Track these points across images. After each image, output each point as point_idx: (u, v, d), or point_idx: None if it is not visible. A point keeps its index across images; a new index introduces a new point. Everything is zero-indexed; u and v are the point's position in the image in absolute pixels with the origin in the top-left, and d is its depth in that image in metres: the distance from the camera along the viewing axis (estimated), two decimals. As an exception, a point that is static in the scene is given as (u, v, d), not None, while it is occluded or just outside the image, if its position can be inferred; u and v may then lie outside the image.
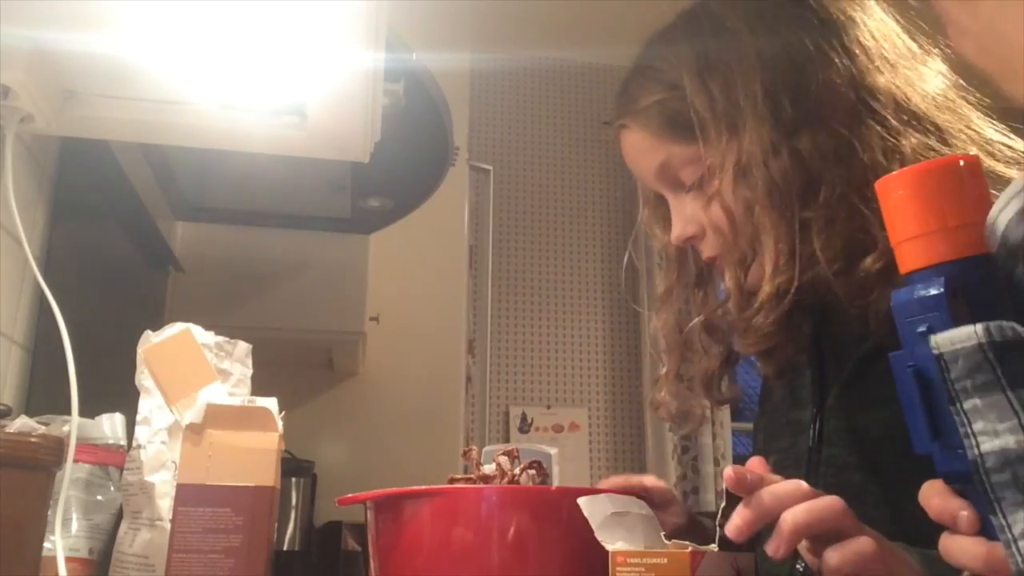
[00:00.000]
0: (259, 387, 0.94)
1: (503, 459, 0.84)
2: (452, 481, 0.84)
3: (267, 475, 0.80)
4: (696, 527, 0.93)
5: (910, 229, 0.49)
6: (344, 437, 2.55)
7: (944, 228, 0.48)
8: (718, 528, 0.67)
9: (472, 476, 0.85)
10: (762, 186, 0.83)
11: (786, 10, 0.89)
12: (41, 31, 0.96)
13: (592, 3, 3.30)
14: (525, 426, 3.48)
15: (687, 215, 0.92)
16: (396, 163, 1.63)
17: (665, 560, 0.63)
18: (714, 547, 0.65)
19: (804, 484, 0.63)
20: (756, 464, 0.67)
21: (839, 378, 0.86)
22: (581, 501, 0.72)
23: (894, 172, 0.51)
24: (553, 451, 0.98)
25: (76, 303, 1.25)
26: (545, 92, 3.85)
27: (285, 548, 2.12)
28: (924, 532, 0.54)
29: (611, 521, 0.70)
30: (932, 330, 0.47)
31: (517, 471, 0.83)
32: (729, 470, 0.64)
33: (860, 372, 0.83)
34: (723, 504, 0.71)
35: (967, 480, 0.47)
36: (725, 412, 3.51)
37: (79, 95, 1.10)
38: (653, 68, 0.94)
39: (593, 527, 0.69)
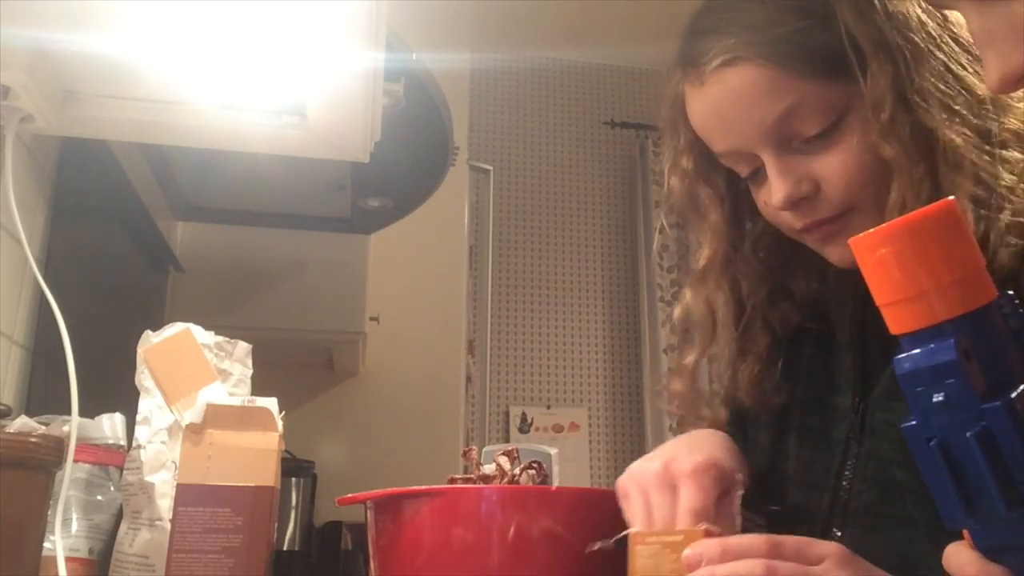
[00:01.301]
0: (259, 387, 0.94)
1: (503, 459, 0.84)
2: (452, 481, 0.84)
3: (267, 475, 0.80)
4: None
5: (898, 291, 0.46)
6: (344, 437, 2.56)
7: (939, 286, 0.45)
8: (739, 516, 0.69)
9: (472, 476, 0.85)
10: (941, 114, 0.74)
11: None
12: (41, 31, 0.96)
13: (593, 3, 3.30)
14: (525, 426, 3.48)
15: (799, 173, 0.79)
16: (396, 163, 1.63)
17: (682, 538, 0.66)
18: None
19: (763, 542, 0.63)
20: None
21: (885, 366, 0.80)
22: None
23: (871, 230, 0.46)
24: (553, 451, 0.98)
25: (76, 303, 1.25)
26: (545, 92, 3.85)
27: (285, 548, 2.12)
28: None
29: None
30: (949, 399, 0.44)
31: (517, 471, 0.83)
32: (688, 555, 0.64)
33: None
34: (742, 492, 0.72)
35: (1015, 553, 0.45)
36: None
37: (79, 95, 1.10)
38: None
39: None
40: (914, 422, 0.46)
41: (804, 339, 0.92)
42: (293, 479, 2.16)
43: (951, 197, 0.47)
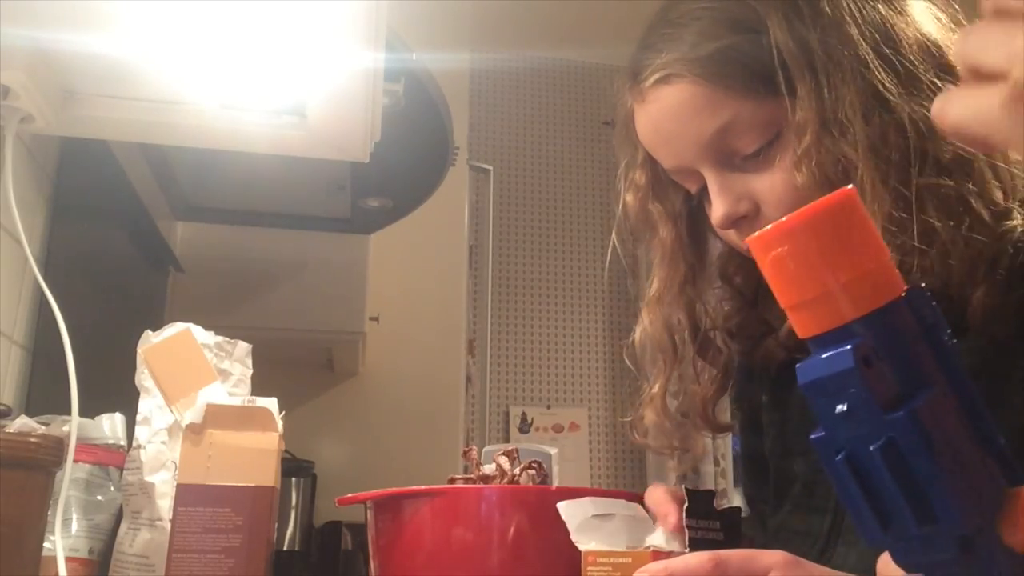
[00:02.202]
0: (259, 387, 0.94)
1: (503, 459, 0.84)
2: (452, 481, 0.84)
3: (267, 475, 0.80)
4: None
5: (799, 292, 0.42)
6: (344, 437, 2.56)
7: (841, 284, 0.41)
8: (687, 530, 0.68)
9: (472, 476, 0.85)
10: (863, 142, 0.72)
11: None
12: (41, 31, 0.96)
13: (592, 3, 3.30)
14: (525, 426, 3.48)
15: (738, 191, 0.78)
16: (396, 163, 1.63)
17: (630, 560, 0.66)
18: (687, 550, 0.66)
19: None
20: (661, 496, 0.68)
21: None
22: (561, 505, 0.72)
23: (767, 227, 0.42)
24: (553, 451, 0.98)
25: (76, 303, 1.25)
26: (545, 92, 3.85)
27: (285, 548, 2.12)
28: None
29: (590, 524, 0.71)
30: (852, 410, 0.40)
31: (517, 471, 0.83)
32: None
33: None
34: (687, 504, 0.72)
35: (934, 570, 0.41)
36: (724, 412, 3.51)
37: (79, 95, 1.10)
38: (716, 7, 0.79)
39: (570, 530, 0.70)
40: (822, 433, 0.42)
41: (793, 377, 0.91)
42: (293, 479, 2.16)
43: (850, 187, 0.42)
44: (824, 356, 0.41)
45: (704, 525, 0.75)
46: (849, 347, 0.40)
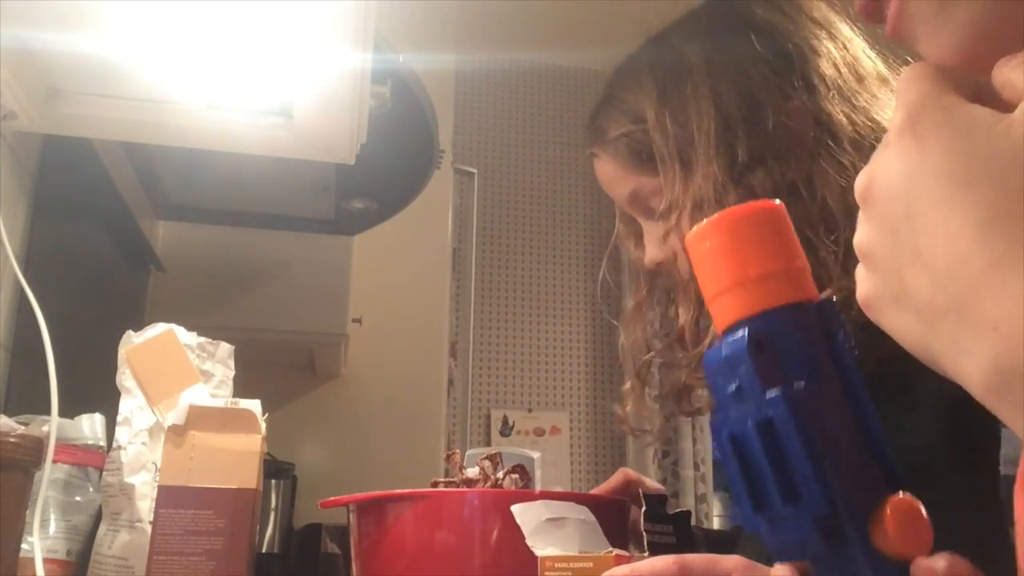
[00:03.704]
0: (240, 388, 0.94)
1: (486, 463, 0.84)
2: (435, 485, 0.84)
3: (249, 477, 0.79)
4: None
5: (717, 283, 0.46)
6: (325, 439, 2.54)
7: (747, 279, 0.45)
8: (645, 534, 0.69)
9: (455, 480, 0.85)
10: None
11: (744, 44, 0.87)
12: (25, 28, 0.95)
13: (577, 6, 3.31)
14: (506, 429, 3.48)
15: (658, 240, 0.93)
16: (381, 165, 1.62)
17: (591, 564, 0.66)
18: (646, 553, 0.67)
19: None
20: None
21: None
22: (514, 508, 0.72)
23: (702, 224, 0.47)
24: (536, 455, 0.98)
25: (56, 302, 1.24)
26: (531, 96, 3.86)
27: (264, 550, 2.10)
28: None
29: (545, 527, 0.72)
30: (741, 389, 0.43)
31: (500, 475, 0.83)
32: None
33: None
34: (644, 508, 0.72)
35: (796, 555, 0.43)
36: (705, 417, 3.52)
37: (63, 93, 1.09)
38: (619, 99, 0.94)
39: (525, 534, 0.70)
40: (717, 416, 0.45)
41: None
42: (273, 481, 2.15)
43: (777, 201, 0.47)
44: (725, 341, 0.45)
45: (659, 529, 0.76)
46: (745, 330, 0.44)
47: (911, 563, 0.40)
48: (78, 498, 0.92)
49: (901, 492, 0.42)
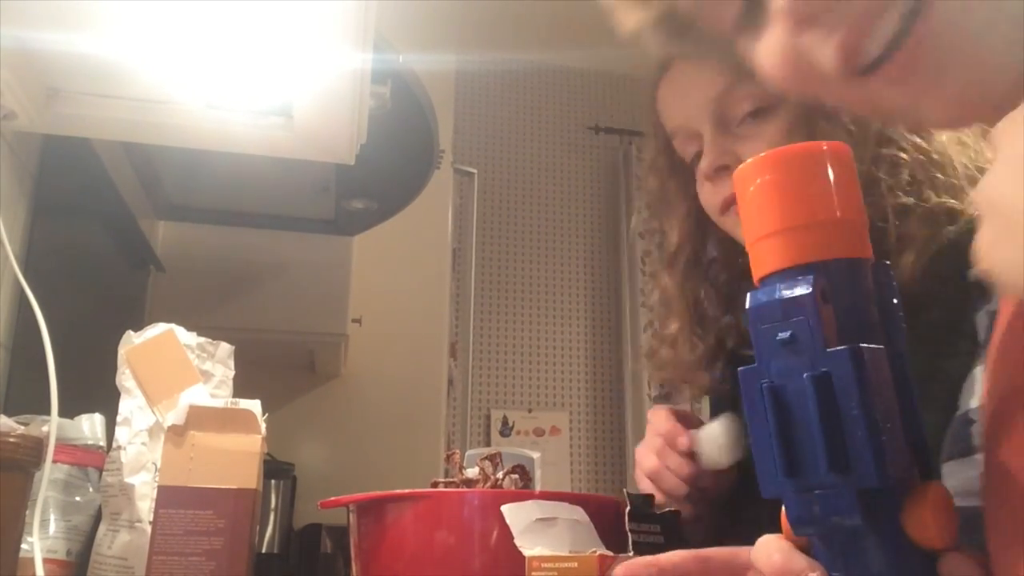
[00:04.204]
0: (240, 388, 0.94)
1: (486, 463, 0.84)
2: (435, 485, 0.84)
3: (249, 477, 0.79)
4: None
5: (774, 221, 0.41)
6: (325, 439, 2.54)
7: (815, 222, 0.40)
8: (630, 533, 0.69)
9: (455, 480, 0.85)
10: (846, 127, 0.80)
11: None
12: (25, 28, 0.95)
13: (578, 6, 3.31)
14: (506, 430, 3.48)
15: (727, 147, 0.89)
16: (381, 165, 1.62)
17: (575, 564, 0.66)
18: (631, 553, 0.67)
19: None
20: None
21: None
22: (504, 508, 0.72)
23: (753, 158, 0.42)
24: (536, 455, 0.98)
25: (56, 302, 1.24)
26: (530, 96, 3.85)
27: (264, 551, 2.11)
28: None
29: (535, 527, 0.72)
30: (795, 338, 0.39)
31: (500, 475, 0.83)
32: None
33: None
34: (628, 508, 0.72)
35: (823, 529, 0.40)
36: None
37: (63, 93, 1.09)
38: None
39: (514, 534, 0.70)
40: (753, 365, 0.41)
41: None
42: (273, 481, 2.15)
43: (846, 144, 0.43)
44: (783, 283, 0.40)
45: (645, 528, 0.76)
46: (812, 277, 0.39)
47: (938, 554, 0.38)
48: (78, 498, 0.92)
49: (934, 481, 0.39)
